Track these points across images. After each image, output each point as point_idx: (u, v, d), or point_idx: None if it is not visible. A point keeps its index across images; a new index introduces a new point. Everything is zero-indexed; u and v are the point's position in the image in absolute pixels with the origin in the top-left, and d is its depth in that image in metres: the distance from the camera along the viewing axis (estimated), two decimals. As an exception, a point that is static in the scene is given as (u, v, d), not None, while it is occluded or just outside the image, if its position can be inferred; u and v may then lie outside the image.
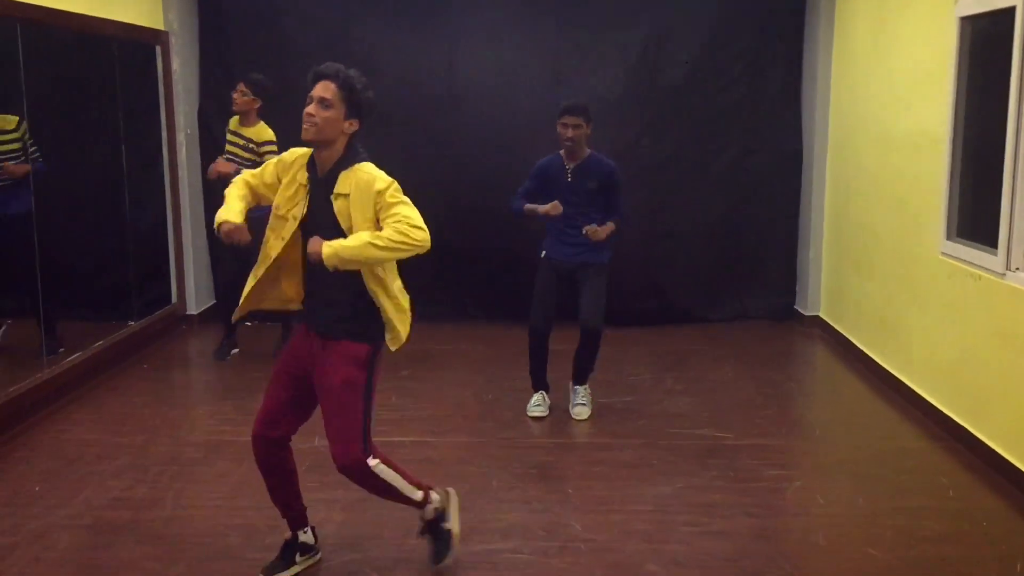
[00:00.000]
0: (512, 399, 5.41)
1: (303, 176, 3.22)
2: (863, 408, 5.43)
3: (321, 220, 3.16)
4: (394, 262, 3.23)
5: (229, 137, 6.12)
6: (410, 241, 3.06)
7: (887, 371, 5.70)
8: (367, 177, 3.13)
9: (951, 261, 4.89)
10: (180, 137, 7.02)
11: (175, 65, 6.94)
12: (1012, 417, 4.27)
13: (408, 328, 3.35)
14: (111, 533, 3.80)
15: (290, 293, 3.37)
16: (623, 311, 6.71)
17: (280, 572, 3.44)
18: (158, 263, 7.02)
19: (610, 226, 4.93)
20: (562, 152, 5.04)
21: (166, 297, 7.09)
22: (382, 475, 3.29)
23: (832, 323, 6.87)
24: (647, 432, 4.98)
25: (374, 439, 3.35)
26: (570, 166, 5.00)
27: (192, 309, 7.27)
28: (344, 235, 3.11)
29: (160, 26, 6.78)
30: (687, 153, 7.19)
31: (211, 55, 7.27)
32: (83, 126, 6.33)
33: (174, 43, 6.90)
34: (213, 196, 7.33)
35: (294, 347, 3.37)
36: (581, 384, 5.25)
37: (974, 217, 4.81)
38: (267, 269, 3.29)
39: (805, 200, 7.26)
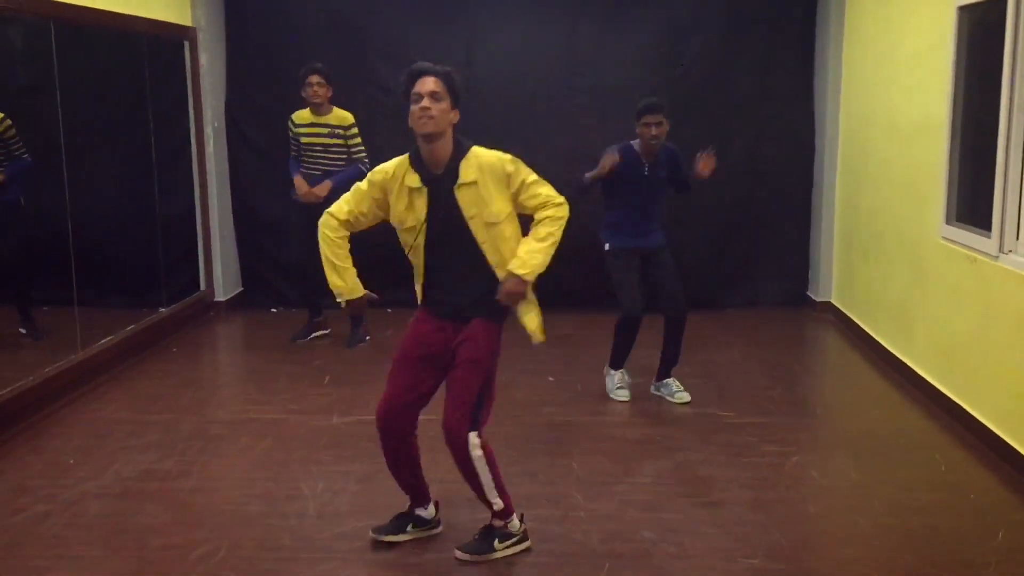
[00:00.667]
0: (523, 380, 5.60)
1: (413, 180, 3.32)
2: (866, 389, 5.57)
3: (445, 215, 3.30)
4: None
5: (304, 131, 6.25)
6: (563, 220, 3.35)
7: (891, 353, 5.83)
8: (491, 159, 3.31)
9: (950, 245, 5.02)
10: (208, 130, 7.28)
11: (203, 60, 7.18)
12: (1004, 395, 4.40)
13: (535, 320, 3.49)
14: (139, 501, 4.05)
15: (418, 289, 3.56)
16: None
17: (388, 534, 3.64)
18: (187, 252, 7.29)
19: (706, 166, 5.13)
20: (635, 145, 5.12)
21: (195, 284, 7.36)
22: (475, 460, 3.38)
23: (843, 308, 7.00)
24: (652, 412, 5.15)
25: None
26: (648, 162, 5.12)
27: (220, 296, 7.53)
28: (467, 223, 3.29)
29: (188, 22, 7.03)
30: (702, 143, 7.28)
31: (237, 50, 7.52)
32: (114, 120, 6.60)
33: (201, 39, 7.15)
34: (239, 186, 7.61)
35: (420, 333, 3.48)
36: (670, 376, 5.37)
37: (972, 202, 4.93)
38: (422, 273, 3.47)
39: (817, 188, 7.38)
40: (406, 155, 3.38)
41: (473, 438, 3.37)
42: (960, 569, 3.41)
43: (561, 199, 3.40)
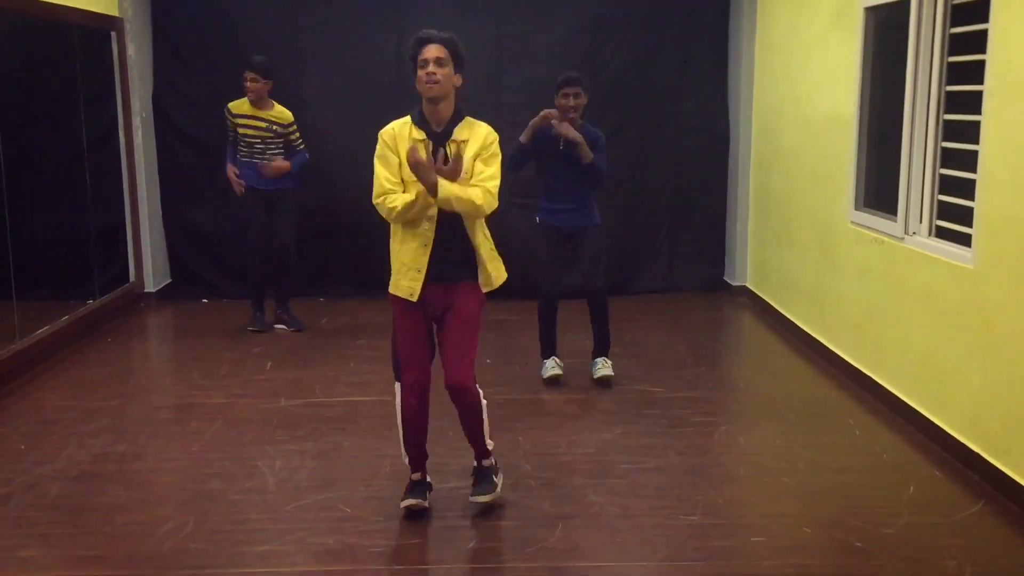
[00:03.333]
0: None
1: (419, 134, 3.58)
2: (783, 365, 5.96)
3: (438, 162, 3.51)
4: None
5: (242, 122, 6.32)
6: (482, 206, 3.55)
7: (805, 332, 6.24)
8: (482, 127, 3.65)
9: (859, 228, 5.42)
10: (136, 120, 7.28)
11: (130, 50, 7.18)
12: (908, 363, 4.82)
13: (503, 273, 3.81)
14: (99, 482, 4.13)
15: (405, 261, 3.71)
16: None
17: (418, 498, 3.82)
18: (116, 243, 7.26)
19: (579, 136, 5.11)
20: (554, 122, 5.14)
21: (124, 276, 7.34)
22: (483, 406, 3.79)
23: (758, 292, 7.41)
24: (588, 388, 5.43)
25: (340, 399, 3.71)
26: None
27: (150, 287, 7.53)
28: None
29: (115, 12, 7.01)
30: (624, 134, 7.63)
31: (164, 40, 7.51)
32: (44, 111, 6.54)
33: (128, 29, 7.14)
34: (168, 177, 7.61)
35: (415, 307, 3.68)
36: (602, 355, 5.55)
37: (878, 188, 5.34)
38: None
39: (732, 178, 7.79)
40: (407, 116, 3.63)
41: (477, 386, 3.73)
42: (877, 519, 3.76)
43: (495, 194, 3.60)
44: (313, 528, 3.70)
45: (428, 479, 3.94)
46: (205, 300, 7.63)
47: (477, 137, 3.63)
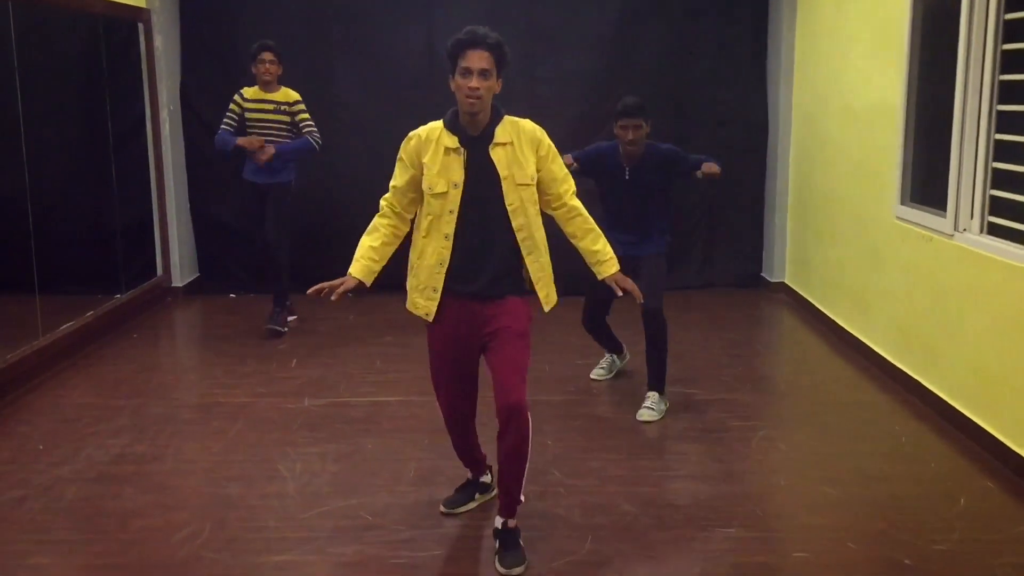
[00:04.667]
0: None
1: (451, 140, 3.24)
2: (824, 366, 5.73)
3: (481, 175, 3.24)
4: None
5: (250, 106, 6.17)
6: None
7: (847, 331, 6.01)
8: (525, 124, 3.33)
9: (905, 224, 5.18)
10: (163, 113, 7.18)
11: (157, 42, 7.08)
12: (958, 368, 4.58)
13: (553, 296, 3.46)
14: (116, 484, 4.02)
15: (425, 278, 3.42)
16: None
17: (459, 506, 3.76)
18: (143, 237, 7.19)
19: (715, 167, 4.76)
20: (620, 149, 4.78)
21: (151, 270, 7.26)
22: (530, 436, 3.32)
23: (797, 288, 7.18)
24: (622, 390, 5.25)
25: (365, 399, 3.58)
26: (629, 166, 4.77)
27: (177, 282, 7.45)
28: (501, 185, 3.23)
29: (142, 4, 6.92)
30: (659, 125, 7.39)
31: (192, 32, 7.41)
32: (72, 104, 6.48)
33: (156, 21, 7.04)
34: (195, 171, 7.52)
35: (446, 333, 3.39)
36: (652, 389, 4.90)
37: (925, 182, 5.10)
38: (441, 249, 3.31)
39: (771, 171, 7.55)
40: (439, 121, 3.31)
41: (529, 414, 3.32)
42: (927, 534, 3.55)
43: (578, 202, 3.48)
44: (333, 537, 3.56)
45: (483, 479, 3.83)
46: (233, 295, 7.54)
47: (526, 139, 3.30)
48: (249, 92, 6.22)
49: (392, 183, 3.39)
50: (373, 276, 3.42)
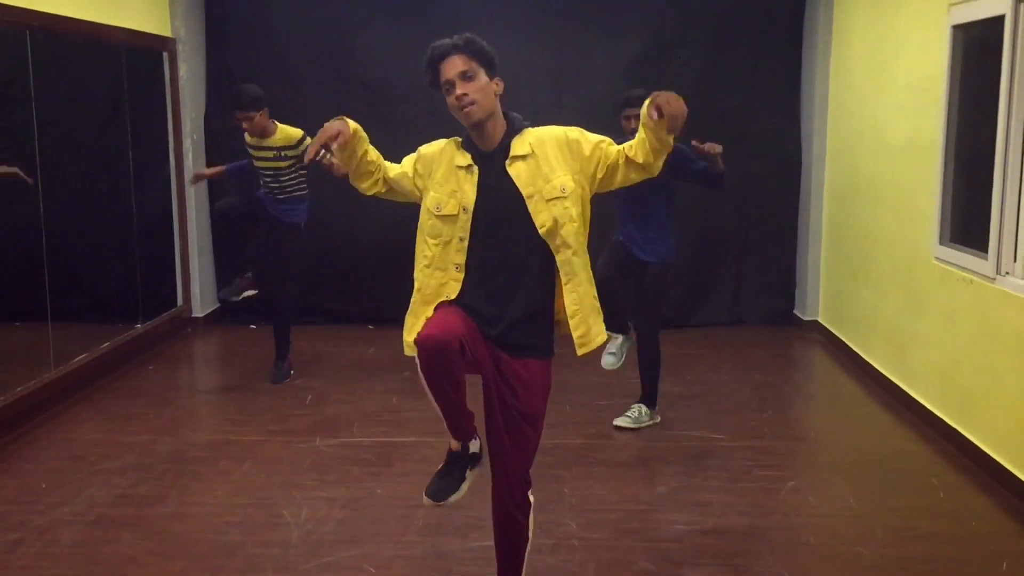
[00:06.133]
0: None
1: (463, 159, 2.87)
2: (858, 411, 5.48)
3: (499, 197, 2.82)
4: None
5: (253, 152, 5.74)
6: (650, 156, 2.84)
7: (883, 375, 5.76)
8: (550, 131, 2.89)
9: (944, 266, 4.95)
10: (187, 142, 7.13)
11: (181, 71, 7.04)
12: (1000, 418, 4.34)
13: (602, 330, 2.98)
14: (114, 529, 3.88)
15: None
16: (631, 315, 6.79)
17: (452, 493, 2.96)
18: (164, 267, 7.12)
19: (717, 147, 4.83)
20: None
21: (172, 300, 7.19)
22: (531, 522, 3.05)
23: (831, 328, 6.93)
24: (644, 434, 5.04)
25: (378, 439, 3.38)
26: None
27: (197, 312, 7.36)
28: (524, 202, 2.79)
29: (167, 33, 6.89)
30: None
31: (217, 61, 7.38)
32: (92, 132, 6.43)
33: (181, 50, 7.01)
34: (218, 196, 7.44)
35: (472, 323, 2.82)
36: (640, 401, 5.12)
37: (966, 222, 4.87)
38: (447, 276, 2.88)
39: (804, 206, 7.33)
40: (455, 138, 2.96)
41: (531, 497, 3.01)
42: (966, 601, 3.32)
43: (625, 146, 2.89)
44: (333, 591, 3.40)
45: (472, 446, 2.95)
46: (253, 326, 7.43)
47: (551, 144, 2.85)
48: (249, 137, 5.73)
49: (402, 164, 3.02)
50: (362, 140, 3.00)
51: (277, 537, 3.81)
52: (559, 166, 2.82)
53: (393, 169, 3.04)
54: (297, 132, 5.62)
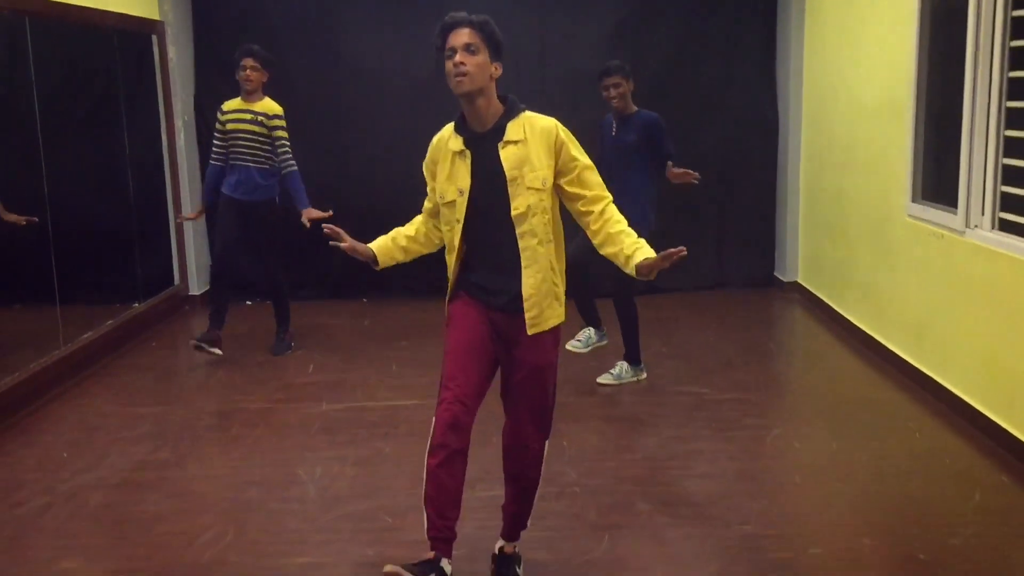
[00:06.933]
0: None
1: (456, 143, 2.95)
2: (838, 364, 5.75)
3: (490, 179, 2.91)
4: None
5: (231, 116, 5.82)
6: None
7: (861, 330, 6.03)
8: (544, 122, 2.96)
9: (917, 222, 5.20)
10: (178, 123, 7.27)
11: (171, 54, 7.17)
12: (974, 365, 4.60)
13: (559, 313, 3.09)
14: (139, 491, 4.08)
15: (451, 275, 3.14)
16: (608, 280, 7.01)
17: None
18: (160, 246, 7.27)
19: (688, 172, 5.11)
20: (611, 111, 5.28)
21: (168, 279, 7.34)
22: (540, 475, 3.20)
23: (809, 287, 7.20)
24: (636, 391, 5.29)
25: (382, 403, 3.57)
26: (616, 123, 5.25)
27: (194, 290, 7.52)
28: (506, 184, 2.89)
29: (156, 16, 7.01)
30: (668, 127, 7.41)
31: (205, 43, 7.50)
32: (88, 115, 6.55)
33: (169, 32, 7.13)
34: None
35: (478, 315, 3.03)
36: (623, 359, 5.40)
37: (937, 179, 5.12)
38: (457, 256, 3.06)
39: (781, 170, 7.57)
40: (452, 123, 3.03)
41: (546, 448, 3.18)
42: (942, 529, 3.58)
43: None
44: (353, 539, 3.61)
45: (444, 566, 2.88)
46: (249, 303, 7.61)
47: (540, 136, 2.93)
48: (230, 104, 5.87)
49: (425, 204, 3.17)
50: (389, 260, 3.21)
51: (295, 493, 4.03)
52: (544, 160, 2.92)
53: (428, 211, 3.19)
54: (279, 108, 5.82)
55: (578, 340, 5.46)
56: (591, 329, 5.46)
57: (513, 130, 2.92)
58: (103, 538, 3.67)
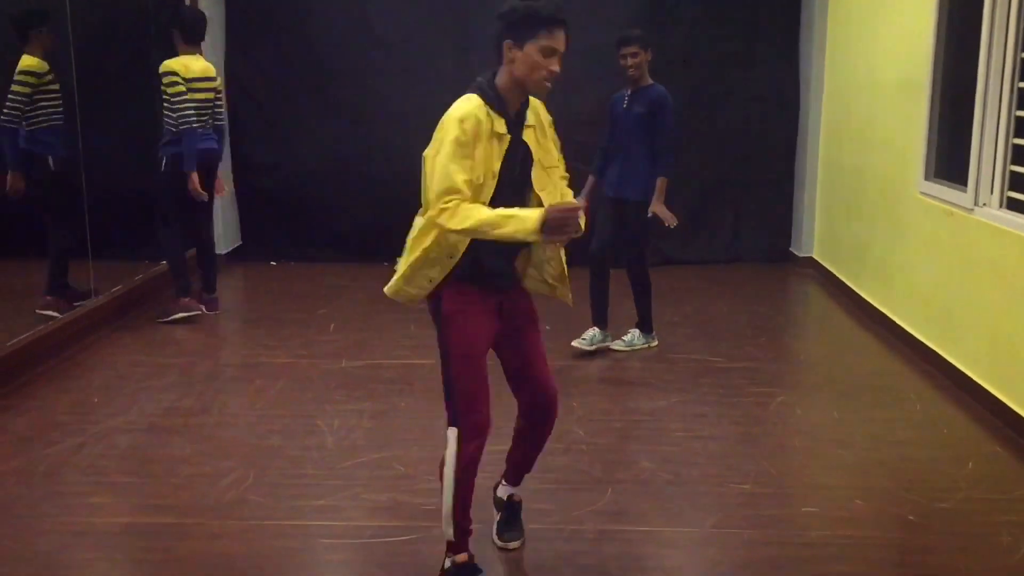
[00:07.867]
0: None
1: (501, 125, 2.84)
2: (847, 338, 5.87)
3: (515, 161, 2.88)
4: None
5: (199, 86, 5.97)
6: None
7: (872, 305, 6.13)
8: (540, 105, 3.02)
9: (928, 199, 5.29)
10: (209, 84, 7.41)
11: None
12: (976, 338, 4.71)
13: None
14: (165, 435, 4.29)
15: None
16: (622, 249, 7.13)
17: None
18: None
19: (659, 195, 5.17)
20: (626, 81, 5.32)
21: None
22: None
23: (824, 263, 7.29)
24: (646, 357, 5.43)
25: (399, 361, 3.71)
26: (628, 94, 5.29)
27: (220, 249, 7.67)
28: (531, 167, 2.92)
29: (189, -24, 7.15)
30: (690, 101, 7.53)
31: (236, 5, 7.63)
32: (120, 74, 6.72)
33: (201, -4, 7.27)
34: (239, 140, 7.76)
35: (482, 312, 3.06)
36: (636, 327, 5.54)
37: (950, 158, 5.20)
38: None
39: (801, 146, 7.64)
40: (475, 98, 2.84)
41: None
42: (933, 493, 3.71)
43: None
44: (368, 485, 3.79)
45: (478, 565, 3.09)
46: (273, 263, 7.79)
47: (546, 119, 3.04)
48: (186, 68, 5.91)
49: (456, 180, 2.73)
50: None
51: (314, 442, 4.21)
52: (551, 137, 3.03)
53: (472, 188, 2.81)
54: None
55: (583, 338, 5.55)
56: (596, 329, 5.53)
57: (530, 115, 2.96)
58: (131, 477, 3.88)
